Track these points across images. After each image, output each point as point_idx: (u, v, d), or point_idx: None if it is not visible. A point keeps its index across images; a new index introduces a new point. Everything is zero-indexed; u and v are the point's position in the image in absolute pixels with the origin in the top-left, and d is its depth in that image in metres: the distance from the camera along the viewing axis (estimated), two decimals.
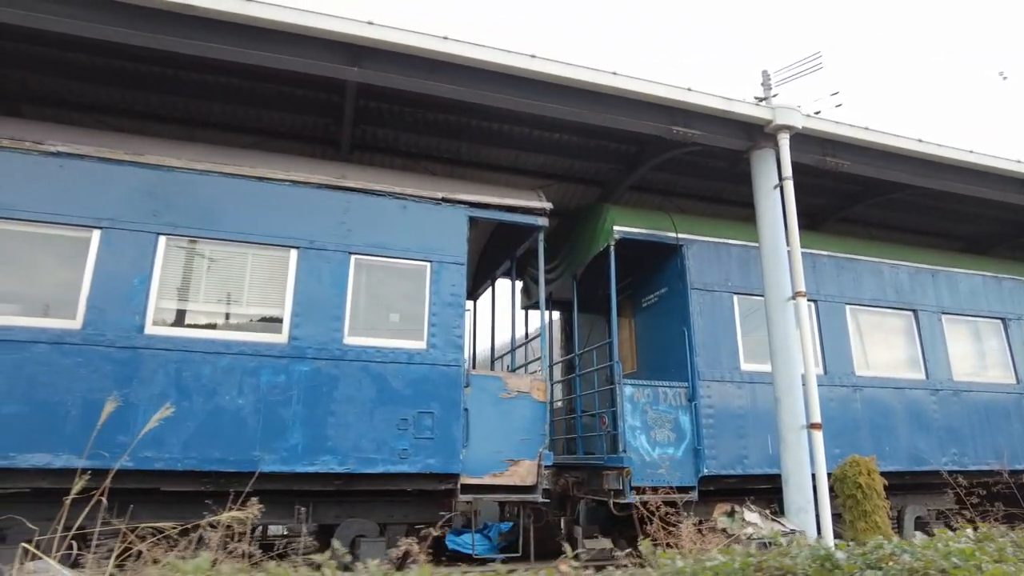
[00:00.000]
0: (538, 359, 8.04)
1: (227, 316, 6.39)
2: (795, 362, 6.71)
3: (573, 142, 8.62)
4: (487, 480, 6.58)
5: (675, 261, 8.03)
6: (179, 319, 6.25)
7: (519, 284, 10.26)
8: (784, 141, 7.06)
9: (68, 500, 3.81)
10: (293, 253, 6.51)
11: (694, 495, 7.06)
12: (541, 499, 6.68)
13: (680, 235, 7.97)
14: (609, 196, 9.44)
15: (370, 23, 5.80)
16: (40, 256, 6.09)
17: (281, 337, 6.29)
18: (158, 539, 3.90)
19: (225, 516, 3.71)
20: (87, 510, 3.97)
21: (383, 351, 6.52)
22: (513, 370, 8.91)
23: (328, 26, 5.77)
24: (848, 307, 8.54)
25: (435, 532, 4.72)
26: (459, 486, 6.48)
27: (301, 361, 6.25)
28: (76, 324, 5.84)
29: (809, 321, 7.16)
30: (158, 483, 5.91)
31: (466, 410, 6.63)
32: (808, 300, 7.21)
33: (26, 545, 3.78)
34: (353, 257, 6.68)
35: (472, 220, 7.21)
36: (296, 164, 6.90)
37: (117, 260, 6.05)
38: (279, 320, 6.35)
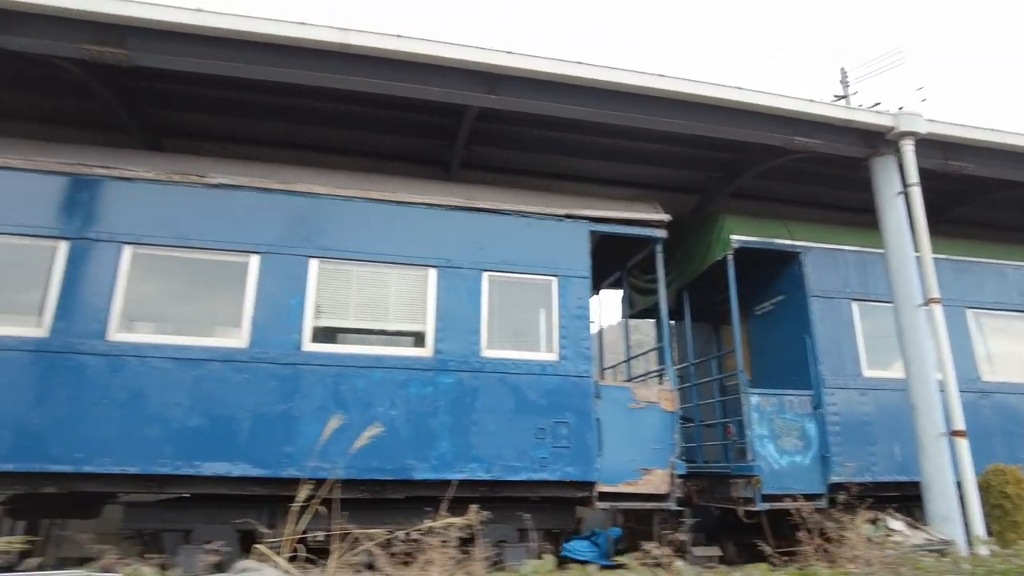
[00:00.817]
0: (657, 371, 8.18)
1: (376, 332, 6.78)
2: (929, 369, 6.67)
3: (671, 152, 8.74)
4: (622, 488, 6.76)
5: (792, 268, 8.06)
6: (332, 336, 6.67)
7: (619, 294, 10.44)
8: (908, 147, 7.04)
9: (295, 507, 4.17)
10: (432, 272, 6.85)
11: (823, 503, 7.07)
12: (675, 507, 6.81)
13: (796, 242, 8.00)
14: (708, 204, 9.52)
15: (509, 52, 6.09)
16: (209, 281, 6.62)
17: (426, 351, 6.63)
18: (374, 543, 4.21)
19: (458, 521, 4.00)
20: (304, 515, 4.32)
21: (518, 363, 6.79)
22: (628, 380, 9.07)
23: (468, 56, 6.09)
24: (970, 311, 8.38)
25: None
26: (596, 494, 6.68)
27: (445, 373, 6.58)
28: (243, 343, 6.31)
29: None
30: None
31: (598, 420, 6.83)
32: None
33: (259, 546, 4.14)
34: (486, 274, 6.98)
35: (592, 234, 7.43)
36: (427, 187, 7.26)
37: (275, 283, 6.51)
38: (423, 335, 6.70)
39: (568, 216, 7.37)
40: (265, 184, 6.76)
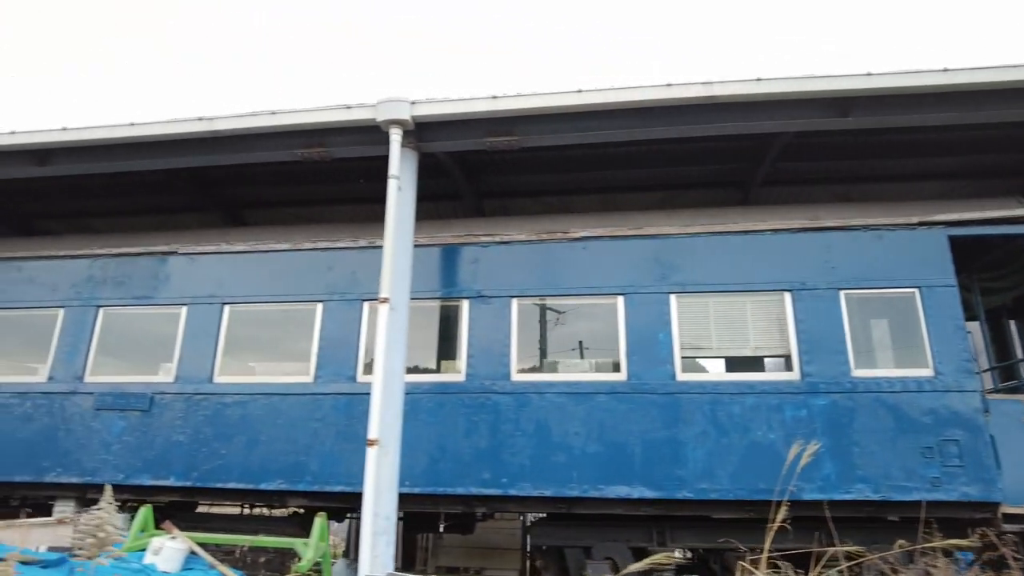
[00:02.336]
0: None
1: (739, 359, 7.12)
2: None
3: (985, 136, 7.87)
4: None
5: None
6: (698, 366, 7.13)
7: None
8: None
9: (771, 527, 4.56)
10: (787, 296, 7.03)
11: None
12: None
13: None
14: None
15: (868, 74, 6.12)
16: (582, 322, 7.46)
17: (793, 375, 6.81)
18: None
19: (963, 543, 4.14)
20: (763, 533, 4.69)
21: (892, 381, 6.68)
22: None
23: (826, 86, 6.23)
24: None
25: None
26: (1000, 515, 6.30)
27: (816, 395, 6.69)
28: (622, 377, 7.01)
29: None
30: (709, 511, 6.76)
31: (991, 436, 6.45)
32: None
33: (744, 564, 4.59)
34: (842, 293, 6.99)
35: (952, 239, 7.09)
36: (770, 213, 7.48)
37: (641, 319, 7.13)
38: (788, 359, 6.89)
39: (921, 223, 7.12)
40: (618, 232, 7.47)
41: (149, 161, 7.40)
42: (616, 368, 7.09)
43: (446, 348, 7.55)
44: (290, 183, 9.17)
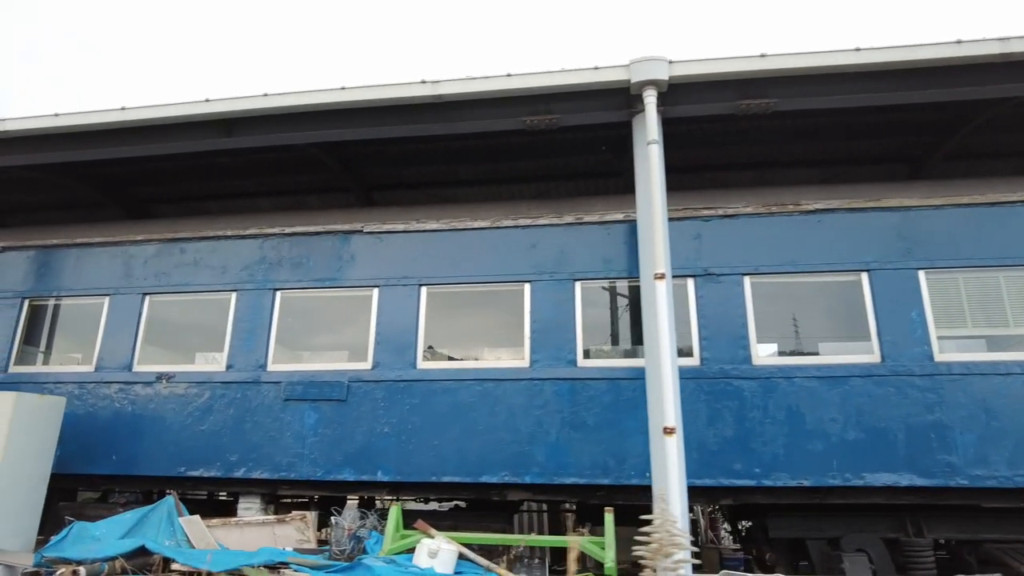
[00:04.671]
0: None
1: (998, 338, 6.69)
2: None
3: None
4: None
5: None
6: (954, 345, 6.69)
7: None
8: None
9: None
10: None
11: None
12: None
13: None
14: None
15: None
16: (818, 301, 7.00)
17: None
18: None
19: None
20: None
21: None
22: None
23: None
24: None
25: None
26: None
27: None
28: (876, 358, 6.56)
29: None
30: (977, 500, 6.35)
31: None
32: None
33: None
34: None
35: None
36: (954, 188, 7.03)
37: (890, 298, 6.67)
38: None
39: None
40: (856, 204, 7.00)
41: (352, 131, 6.82)
42: (868, 349, 6.63)
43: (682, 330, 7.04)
44: (423, 162, 8.71)
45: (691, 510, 8.79)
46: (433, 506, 8.34)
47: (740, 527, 8.29)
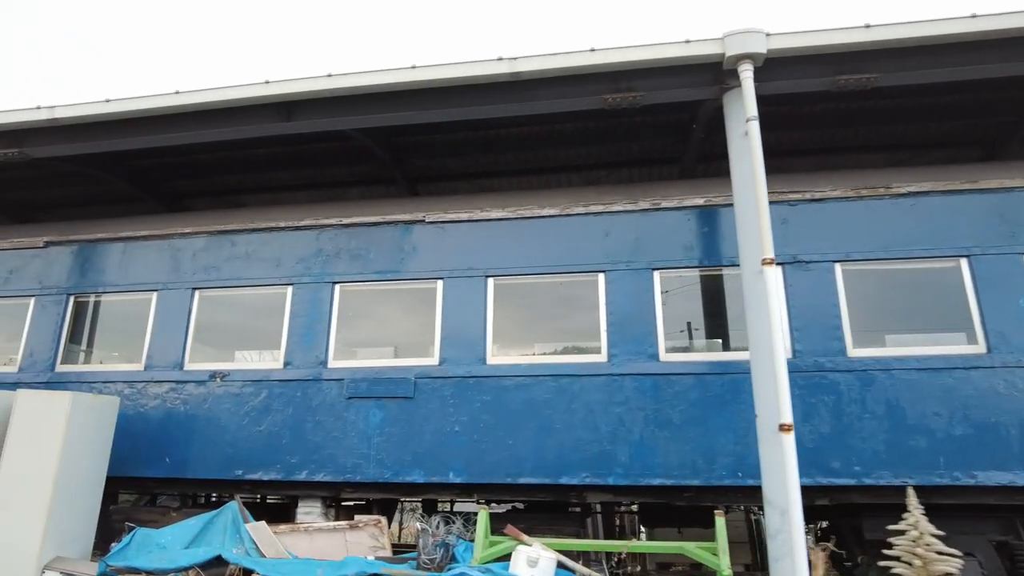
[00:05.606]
0: None
1: None
2: None
3: None
4: None
5: None
6: None
7: None
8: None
9: None
10: None
11: None
12: None
13: None
14: None
15: None
16: (921, 288, 6.60)
17: None
18: None
19: None
20: None
21: None
22: None
23: None
24: None
25: None
26: None
27: None
28: (981, 349, 6.16)
29: None
30: None
31: None
32: None
33: None
34: None
35: None
36: None
37: (998, 283, 6.27)
38: None
39: None
40: (952, 187, 6.60)
41: (419, 113, 6.45)
42: (971, 339, 6.24)
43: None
44: (470, 151, 8.41)
45: (753, 510, 8.47)
46: (494, 508, 7.98)
47: (815, 527, 7.91)
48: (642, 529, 8.37)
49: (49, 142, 7.05)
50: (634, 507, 8.18)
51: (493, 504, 7.85)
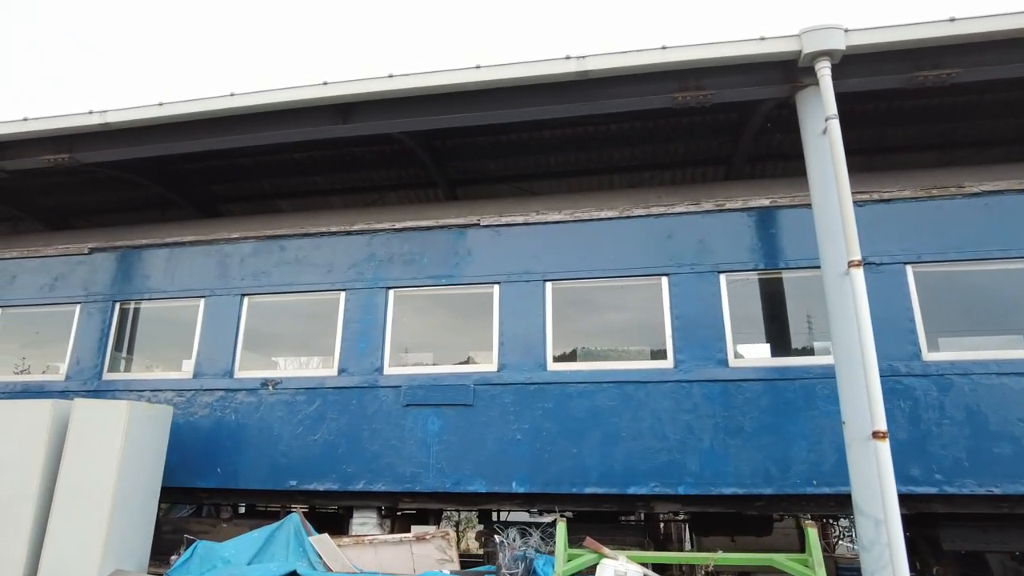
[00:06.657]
0: None
1: None
2: None
3: None
4: None
5: None
6: None
7: None
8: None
9: None
10: None
11: None
12: None
13: None
14: None
15: None
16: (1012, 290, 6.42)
17: None
18: None
19: None
20: None
21: None
22: None
23: None
24: None
25: None
26: None
27: None
28: None
29: None
30: None
31: None
32: None
33: None
34: None
35: None
36: None
37: None
38: None
39: None
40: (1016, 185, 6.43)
41: (481, 114, 6.30)
42: None
43: (820, 324, 6.49)
44: (513, 154, 8.28)
45: (811, 517, 8.27)
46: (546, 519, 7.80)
47: None
48: (691, 538, 8.18)
49: (99, 147, 6.92)
50: (680, 516, 7.98)
51: (543, 513, 7.68)
